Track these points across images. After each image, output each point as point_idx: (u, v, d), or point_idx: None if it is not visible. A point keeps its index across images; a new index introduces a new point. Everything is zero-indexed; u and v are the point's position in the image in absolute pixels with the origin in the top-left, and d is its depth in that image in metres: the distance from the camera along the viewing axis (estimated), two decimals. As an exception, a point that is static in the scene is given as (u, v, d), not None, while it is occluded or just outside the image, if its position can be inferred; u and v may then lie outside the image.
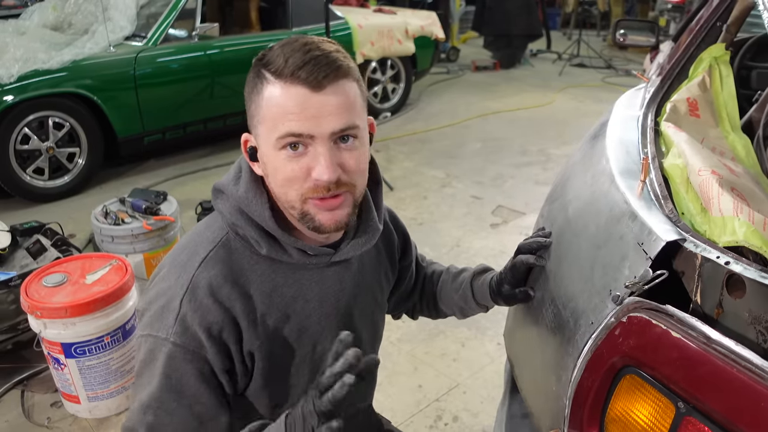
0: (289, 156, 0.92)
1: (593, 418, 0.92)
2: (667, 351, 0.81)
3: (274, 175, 0.95)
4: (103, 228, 2.80)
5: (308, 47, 0.91)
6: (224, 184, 1.04)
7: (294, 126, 0.90)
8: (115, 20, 4.48)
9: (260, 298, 1.01)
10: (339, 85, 0.92)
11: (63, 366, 2.27)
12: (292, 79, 0.90)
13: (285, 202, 0.97)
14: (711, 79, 1.62)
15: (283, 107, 0.90)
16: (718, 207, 0.97)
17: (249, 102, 0.97)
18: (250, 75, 0.96)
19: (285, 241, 1.00)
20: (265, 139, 0.94)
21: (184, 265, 1.00)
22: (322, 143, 0.92)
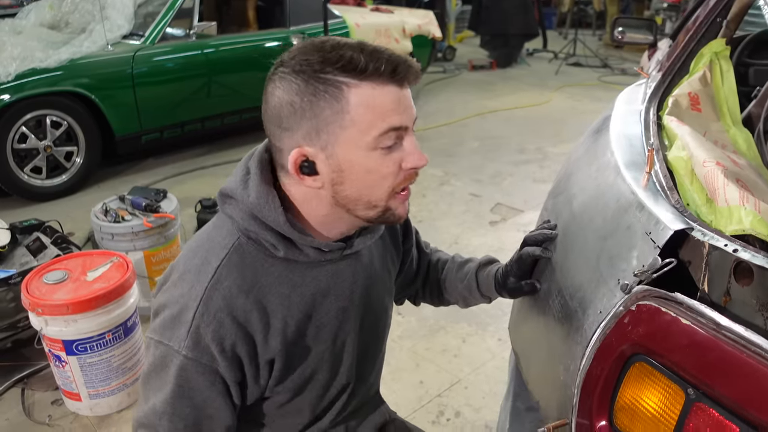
0: (383, 153, 0.94)
1: (602, 406, 0.93)
2: (676, 338, 0.81)
3: (362, 178, 0.95)
4: (103, 225, 2.79)
5: (368, 47, 0.92)
6: (232, 188, 1.02)
7: (395, 121, 0.92)
8: (113, 19, 4.48)
9: (279, 301, 1.01)
10: (410, 77, 0.95)
11: (64, 363, 2.27)
12: (382, 78, 0.91)
13: (364, 204, 0.98)
14: (712, 74, 1.63)
15: (380, 106, 0.91)
16: (724, 197, 0.98)
17: (310, 112, 0.92)
18: (298, 85, 0.91)
19: (301, 242, 1.00)
20: (353, 142, 0.92)
21: (198, 274, 0.99)
22: (410, 133, 0.96)
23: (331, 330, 1.09)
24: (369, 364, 1.24)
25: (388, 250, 1.25)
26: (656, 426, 0.85)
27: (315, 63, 0.91)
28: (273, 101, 0.94)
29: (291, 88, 0.92)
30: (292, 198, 1.01)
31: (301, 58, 0.92)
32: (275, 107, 0.94)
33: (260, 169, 1.01)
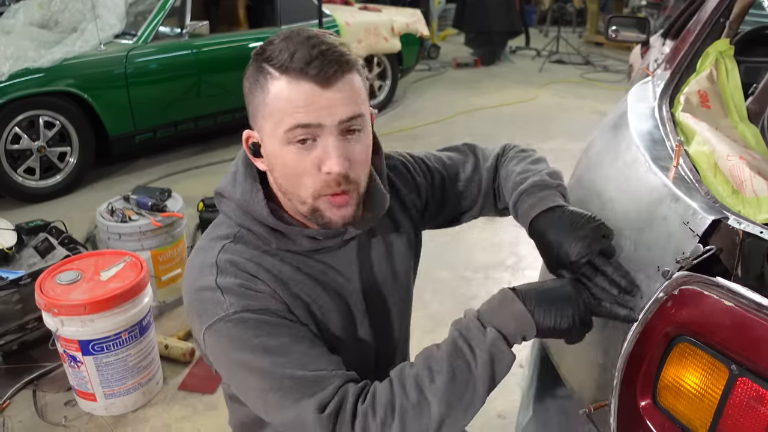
0: (298, 150, 0.93)
1: (646, 386, 0.99)
2: (720, 318, 0.88)
3: (283, 171, 0.96)
4: (110, 225, 2.81)
5: (312, 41, 0.91)
6: (223, 187, 1.06)
7: (303, 118, 0.91)
8: (105, 18, 4.48)
9: (290, 272, 1.02)
10: (346, 80, 0.92)
11: (80, 363, 2.29)
12: (299, 75, 0.90)
13: (295, 197, 0.98)
14: (717, 72, 1.71)
15: (291, 102, 0.91)
16: (752, 188, 1.05)
17: (250, 97, 0.97)
18: (249, 70, 0.96)
19: (291, 232, 1.02)
20: (272, 134, 0.94)
21: (204, 258, 1.02)
22: (330, 133, 0.92)
23: (345, 313, 1.09)
24: (390, 347, 1.23)
25: (402, 226, 1.20)
26: (700, 401, 0.91)
27: (261, 51, 0.94)
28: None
29: (247, 72, 0.97)
30: (271, 185, 1.03)
31: (262, 45, 0.95)
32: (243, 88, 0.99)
33: (245, 165, 1.04)
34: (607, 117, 1.74)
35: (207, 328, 0.97)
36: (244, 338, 0.94)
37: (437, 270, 3.41)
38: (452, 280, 3.33)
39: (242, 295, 0.96)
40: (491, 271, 3.41)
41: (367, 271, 1.13)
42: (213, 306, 0.96)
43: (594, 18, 10.80)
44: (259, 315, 0.95)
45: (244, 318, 0.95)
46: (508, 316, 0.95)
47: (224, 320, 0.95)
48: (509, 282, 3.30)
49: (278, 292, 1.00)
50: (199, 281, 0.99)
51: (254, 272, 1.00)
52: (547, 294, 0.98)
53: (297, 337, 0.96)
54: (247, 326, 0.95)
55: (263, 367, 0.93)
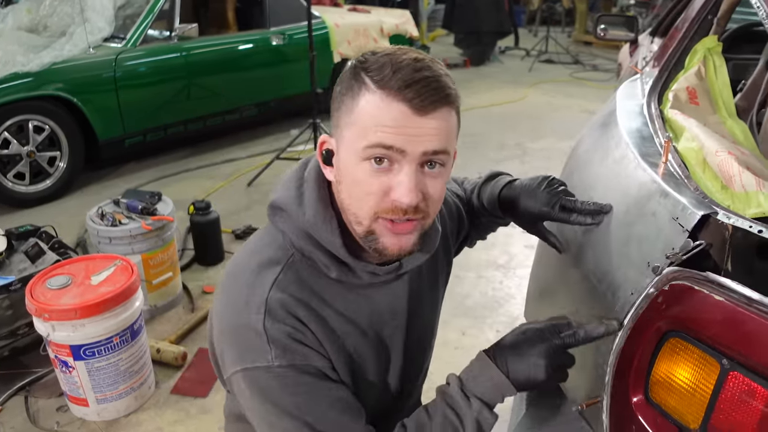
0: (372, 170, 0.89)
1: (638, 382, 1.00)
2: (711, 313, 0.88)
3: (350, 186, 0.92)
4: (101, 229, 2.80)
5: (419, 64, 0.88)
6: (285, 202, 0.99)
7: (387, 138, 0.86)
8: (93, 21, 4.46)
9: (336, 319, 1.00)
10: (441, 113, 0.89)
11: (71, 369, 2.27)
12: (396, 94, 0.86)
13: (352, 216, 0.94)
14: (706, 69, 1.71)
15: (378, 118, 0.87)
16: (741, 183, 1.05)
17: (338, 102, 0.93)
18: (346, 74, 0.92)
19: (356, 266, 0.98)
20: (350, 145, 0.90)
21: (252, 289, 0.96)
22: (409, 163, 0.88)
23: (386, 348, 1.09)
24: (414, 378, 1.22)
25: (440, 261, 1.20)
26: (692, 396, 0.91)
27: (362, 61, 0.91)
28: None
29: (342, 77, 0.93)
30: (339, 201, 0.97)
31: (364, 55, 0.92)
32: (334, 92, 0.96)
33: (317, 185, 0.98)
34: (596, 115, 1.74)
35: (244, 370, 0.95)
36: (281, 394, 0.94)
37: (429, 270, 3.40)
38: (444, 280, 3.32)
39: (288, 350, 0.93)
40: (483, 270, 3.41)
41: (414, 303, 1.12)
42: (256, 352, 0.93)
43: (583, 18, 10.84)
44: (300, 373, 0.94)
45: (287, 374, 0.93)
46: (487, 383, 0.99)
47: (265, 370, 0.93)
48: (501, 281, 3.31)
49: (324, 344, 0.97)
50: (245, 317, 0.94)
51: (305, 319, 0.96)
52: (519, 352, 0.99)
53: (333, 400, 0.96)
54: (286, 383, 0.93)
55: (291, 428, 0.94)
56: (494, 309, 2.95)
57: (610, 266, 1.11)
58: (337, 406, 0.96)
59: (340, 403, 0.96)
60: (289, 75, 5.58)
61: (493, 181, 1.27)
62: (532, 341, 0.99)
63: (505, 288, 3.24)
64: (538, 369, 0.97)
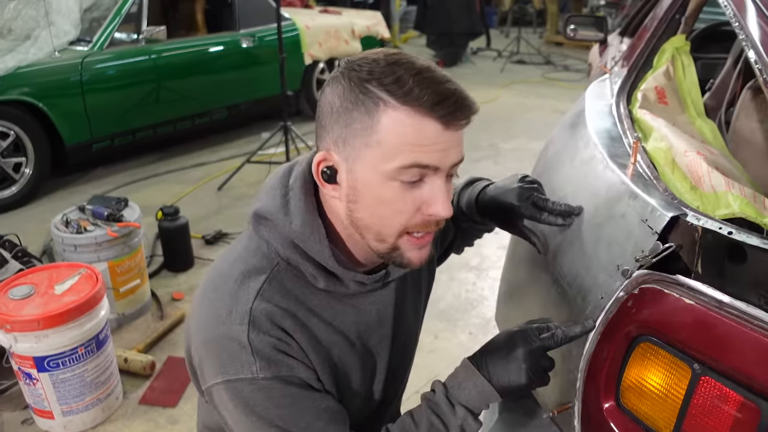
0: (402, 187, 0.86)
1: (609, 387, 0.98)
2: (681, 317, 0.86)
3: (374, 205, 0.88)
4: (65, 237, 2.73)
5: (438, 75, 0.85)
6: (270, 211, 0.96)
7: (423, 158, 0.84)
8: (59, 24, 4.36)
9: (323, 329, 0.98)
10: (459, 119, 0.87)
11: (35, 381, 2.21)
12: (427, 112, 0.83)
13: (373, 235, 0.91)
14: (674, 68, 1.71)
15: (410, 137, 0.84)
16: (710, 183, 1.04)
17: (344, 118, 0.87)
18: (346, 86, 0.86)
19: (344, 276, 0.96)
20: (373, 165, 0.86)
21: (235, 299, 0.93)
22: (440, 176, 0.88)
23: (372, 357, 1.07)
24: (397, 386, 1.21)
25: (423, 272, 1.21)
26: (664, 402, 0.90)
27: (366, 71, 0.85)
28: (321, 99, 0.91)
29: (337, 89, 0.87)
30: (328, 213, 0.96)
31: (358, 63, 0.87)
32: (320, 105, 0.90)
33: (304, 193, 0.95)
34: (565, 116, 1.73)
35: (226, 382, 0.92)
36: (266, 406, 0.91)
37: (403, 273, 3.38)
38: (418, 282, 3.30)
39: (273, 361, 0.90)
40: (456, 272, 3.40)
41: (399, 310, 1.11)
42: (239, 363, 0.90)
43: (554, 18, 10.92)
44: (285, 385, 0.91)
45: (271, 386, 0.90)
46: (472, 390, 0.98)
47: (248, 382, 0.90)
48: (474, 283, 3.30)
49: (309, 355, 0.95)
50: (228, 328, 0.91)
51: (290, 330, 0.93)
52: (501, 358, 0.98)
53: (318, 410, 0.94)
54: (271, 395, 0.91)
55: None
56: (467, 311, 2.94)
57: (579, 269, 1.09)
58: (323, 416, 0.94)
59: (326, 413, 0.94)
60: (260, 77, 5.52)
61: (471, 187, 1.26)
62: (513, 346, 0.97)
63: (478, 290, 3.23)
64: (520, 374, 0.96)
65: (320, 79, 6.20)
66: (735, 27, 1.29)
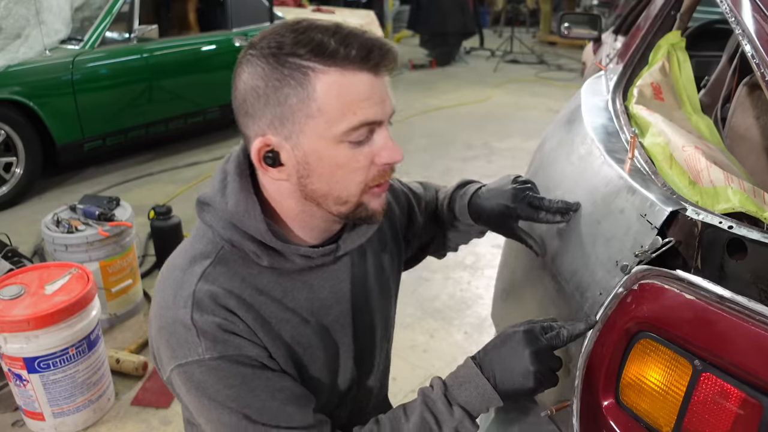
0: (353, 147, 0.87)
1: (608, 385, 0.96)
2: (681, 312, 0.85)
3: (330, 172, 0.88)
4: (56, 237, 2.70)
5: (356, 31, 0.85)
6: (210, 196, 0.96)
7: (368, 114, 0.85)
8: (50, 23, 4.33)
9: (271, 306, 0.95)
10: (387, 64, 0.87)
11: (25, 382, 2.18)
12: (358, 67, 0.83)
13: (333, 200, 0.91)
14: (670, 64, 1.70)
15: (352, 95, 0.84)
16: (709, 178, 1.03)
17: (274, 99, 0.85)
18: (270, 67, 0.84)
19: (285, 250, 0.94)
20: (320, 134, 0.85)
21: (180, 284, 0.92)
22: (385, 126, 0.89)
23: (327, 335, 1.04)
24: (369, 367, 1.16)
25: (387, 245, 1.17)
26: (664, 399, 0.88)
27: (282, 45, 0.83)
28: (239, 86, 0.89)
29: (256, 72, 0.86)
30: (268, 195, 0.95)
31: (270, 40, 0.85)
32: (241, 93, 0.89)
33: (238, 174, 0.95)
34: (560, 112, 1.72)
35: (178, 367, 0.91)
36: (216, 388, 0.89)
37: (397, 272, 3.37)
38: (411, 281, 3.28)
39: (219, 340, 0.89)
40: (450, 272, 3.38)
41: (358, 288, 1.07)
42: (187, 346, 0.89)
43: (547, 18, 10.94)
44: (234, 364, 0.89)
45: (219, 366, 0.89)
46: (473, 392, 0.95)
47: (197, 364, 0.89)
48: (469, 282, 3.28)
49: (258, 333, 0.92)
50: (173, 312, 0.90)
51: (235, 309, 0.91)
52: (506, 360, 0.95)
53: (273, 390, 0.91)
54: (220, 375, 0.89)
55: (233, 423, 0.90)
56: (462, 310, 2.92)
57: (577, 266, 1.08)
58: (278, 396, 0.91)
59: (282, 393, 0.92)
60: (253, 77, 5.47)
61: (463, 190, 1.24)
62: (519, 348, 0.95)
63: (473, 289, 3.22)
64: (528, 377, 0.93)
65: (313, 78, 6.17)
66: (731, 22, 1.28)
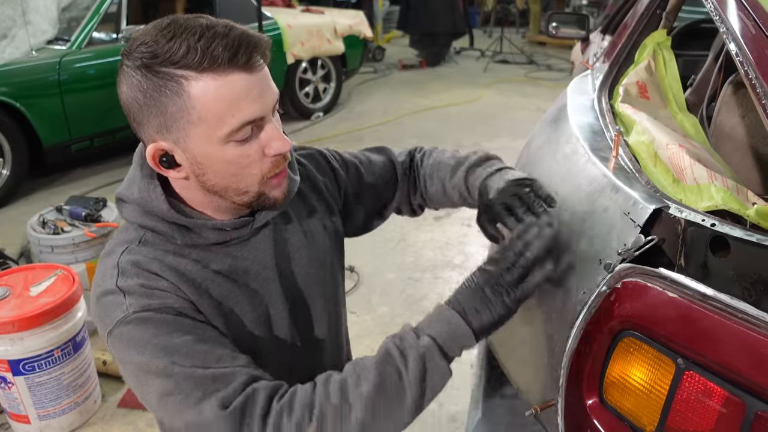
0: (238, 145, 0.89)
1: (592, 384, 0.96)
2: (664, 311, 0.85)
3: (222, 169, 0.90)
4: (42, 238, 2.68)
5: (223, 29, 0.84)
6: (122, 192, 1.00)
7: (248, 113, 0.86)
8: (36, 23, 4.30)
9: (195, 269, 0.96)
10: (258, 57, 0.88)
11: (10, 384, 2.16)
12: (227, 69, 0.84)
13: (233, 192, 0.93)
14: (656, 63, 1.70)
15: (228, 98, 0.85)
16: (692, 176, 1.03)
17: (153, 109, 0.86)
18: (138, 80, 0.85)
19: (195, 225, 0.96)
20: (204, 139, 0.87)
21: (106, 264, 0.95)
22: (269, 118, 0.90)
23: (256, 297, 1.03)
24: (312, 334, 1.14)
25: (317, 212, 1.16)
26: (648, 397, 0.88)
27: (154, 54, 0.84)
28: (122, 97, 0.89)
29: (133, 83, 0.86)
30: (176, 187, 0.98)
31: (141, 50, 0.84)
32: (125, 103, 0.89)
33: (140, 165, 0.98)
34: (547, 111, 1.72)
35: (109, 334, 0.90)
36: (144, 339, 0.88)
37: (383, 272, 3.36)
38: (400, 282, 3.28)
39: (142, 295, 0.90)
40: (439, 271, 3.38)
41: (284, 258, 1.07)
42: (113, 309, 0.90)
43: (536, 18, 10.96)
44: (160, 314, 0.89)
45: (144, 317, 0.89)
46: (444, 327, 0.92)
47: (124, 322, 0.89)
48: (458, 281, 3.26)
49: (183, 289, 0.93)
50: (101, 286, 0.93)
51: (157, 270, 0.93)
52: (472, 292, 0.94)
53: (200, 337, 0.90)
54: (146, 326, 0.88)
55: (162, 368, 0.86)
56: (452, 310, 2.92)
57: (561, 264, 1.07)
58: (207, 342, 0.90)
59: (211, 340, 0.90)
60: (242, 76, 5.45)
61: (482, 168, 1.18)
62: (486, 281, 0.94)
63: (463, 288, 3.21)
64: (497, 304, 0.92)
65: (303, 78, 6.17)
66: (716, 20, 1.28)
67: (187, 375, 0.86)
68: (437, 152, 1.32)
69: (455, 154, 1.28)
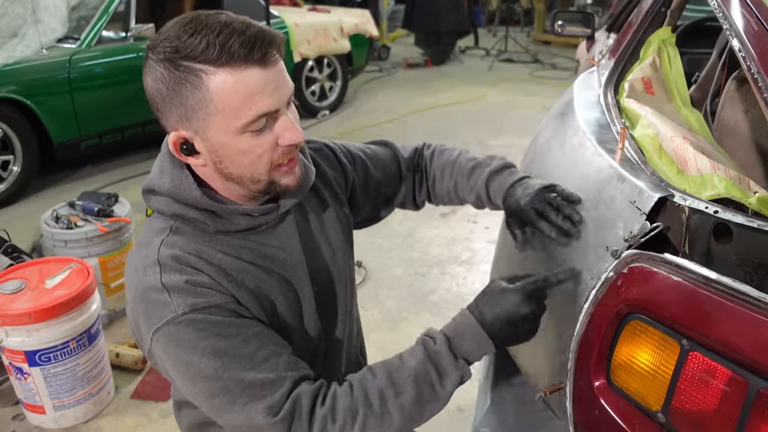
0: (254, 135, 0.93)
1: (600, 366, 1.00)
2: (669, 294, 0.88)
3: (238, 158, 0.95)
4: (55, 233, 2.72)
5: (241, 25, 0.89)
6: (151, 183, 1.03)
7: (263, 106, 0.91)
8: (46, 22, 4.34)
9: (229, 262, 1.01)
10: (274, 53, 0.93)
11: (26, 375, 2.21)
12: (243, 64, 0.89)
13: (248, 180, 0.98)
14: (660, 59, 1.74)
15: (244, 92, 0.90)
16: (696, 166, 1.06)
17: (179, 99, 0.92)
18: (161, 72, 0.91)
19: (226, 211, 1.01)
20: (222, 129, 0.92)
21: (145, 257, 0.99)
22: (283, 111, 0.95)
23: (287, 282, 1.08)
24: (334, 320, 1.21)
25: (329, 204, 1.22)
26: (653, 378, 0.92)
27: (173, 50, 0.89)
28: (147, 88, 0.95)
29: (156, 76, 0.92)
30: (200, 174, 1.01)
31: (164, 45, 0.90)
32: (149, 94, 0.95)
33: (169, 156, 1.02)
34: (554, 106, 1.75)
35: (155, 332, 0.95)
36: (193, 341, 0.93)
37: (391, 268, 3.40)
38: (407, 276, 3.32)
39: (189, 293, 0.94)
40: (446, 267, 3.42)
41: (308, 244, 1.13)
42: (161, 308, 0.94)
43: (541, 17, 10.98)
44: (207, 314, 0.94)
45: (193, 319, 0.93)
46: (473, 344, 1.00)
47: (173, 323, 0.93)
48: (465, 277, 3.32)
49: (222, 283, 0.98)
50: (144, 282, 0.97)
51: (197, 265, 0.98)
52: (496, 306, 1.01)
53: (246, 336, 0.95)
54: (195, 328, 0.93)
55: (211, 371, 0.92)
56: (458, 305, 2.94)
57: (569, 252, 1.11)
58: (252, 341, 0.95)
59: (257, 338, 0.96)
60: (249, 75, 5.48)
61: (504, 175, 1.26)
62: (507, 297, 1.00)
63: (469, 283, 3.25)
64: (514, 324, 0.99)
65: (309, 76, 6.21)
66: (719, 17, 1.31)
67: (235, 379, 0.92)
68: (447, 151, 1.39)
69: (469, 156, 1.35)
